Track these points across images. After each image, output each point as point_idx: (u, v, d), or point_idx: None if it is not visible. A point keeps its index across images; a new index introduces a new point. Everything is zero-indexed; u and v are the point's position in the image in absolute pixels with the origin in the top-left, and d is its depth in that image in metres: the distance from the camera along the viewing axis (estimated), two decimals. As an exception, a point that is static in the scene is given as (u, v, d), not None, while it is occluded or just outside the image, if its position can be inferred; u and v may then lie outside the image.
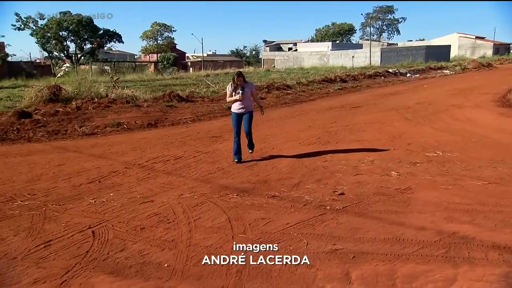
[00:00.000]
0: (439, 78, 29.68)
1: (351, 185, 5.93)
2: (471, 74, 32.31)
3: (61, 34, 48.73)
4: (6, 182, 6.31)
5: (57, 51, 51.26)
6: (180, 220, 4.77)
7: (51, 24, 46.85)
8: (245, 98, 7.15)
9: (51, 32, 47.37)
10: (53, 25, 46.80)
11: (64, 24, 47.69)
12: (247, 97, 7.19)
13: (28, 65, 46.76)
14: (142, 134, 10.40)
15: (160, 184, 6.14)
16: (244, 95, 7.10)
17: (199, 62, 57.77)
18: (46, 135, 9.94)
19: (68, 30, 48.65)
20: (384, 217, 4.77)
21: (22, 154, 8.14)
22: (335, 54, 52.58)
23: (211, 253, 3.92)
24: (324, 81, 23.09)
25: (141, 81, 25.00)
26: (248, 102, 7.24)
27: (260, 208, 5.11)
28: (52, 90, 13.52)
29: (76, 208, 5.21)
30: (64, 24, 47.69)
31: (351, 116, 12.46)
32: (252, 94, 7.29)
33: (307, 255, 3.84)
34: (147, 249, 4.07)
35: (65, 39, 49.87)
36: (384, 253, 3.91)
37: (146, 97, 15.14)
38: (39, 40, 47.79)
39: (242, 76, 7.14)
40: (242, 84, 7.11)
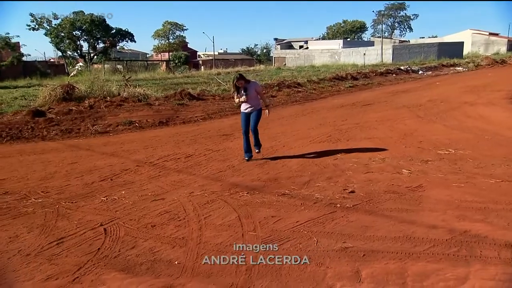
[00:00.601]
0: (451, 75, 29.31)
1: (361, 183, 5.89)
2: (484, 71, 31.85)
3: (75, 33, 49.32)
4: (21, 180, 6.40)
5: (70, 51, 51.89)
6: (191, 218, 4.78)
7: (64, 24, 47.44)
8: (250, 99, 7.08)
9: (64, 32, 47.97)
10: (67, 25, 47.37)
11: (78, 24, 48.24)
12: (253, 97, 7.11)
13: (43, 65, 47.45)
14: (153, 132, 10.45)
15: (171, 182, 6.17)
16: (249, 96, 7.03)
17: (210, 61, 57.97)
18: (60, 134, 10.06)
19: (81, 30, 49.20)
20: (395, 215, 4.73)
21: (36, 153, 8.25)
22: (346, 51, 52.27)
23: (221, 251, 3.93)
24: (335, 79, 22.98)
25: (153, 80, 25.15)
26: (255, 101, 7.16)
27: (270, 206, 5.11)
28: (65, 89, 13.66)
29: (88, 205, 5.26)
30: (78, 24, 48.24)
31: (362, 114, 12.37)
32: (258, 93, 7.21)
33: (317, 254, 3.83)
34: (158, 246, 4.10)
35: (79, 39, 50.44)
36: (395, 251, 3.87)
37: (158, 96, 15.21)
38: (53, 39, 48.43)
39: (242, 79, 7.02)
40: (244, 85, 7.02)
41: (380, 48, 48.14)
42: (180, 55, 59.18)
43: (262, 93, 7.37)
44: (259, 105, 7.24)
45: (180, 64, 54.18)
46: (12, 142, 9.30)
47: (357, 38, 78.91)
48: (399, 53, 48.37)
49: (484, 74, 28.18)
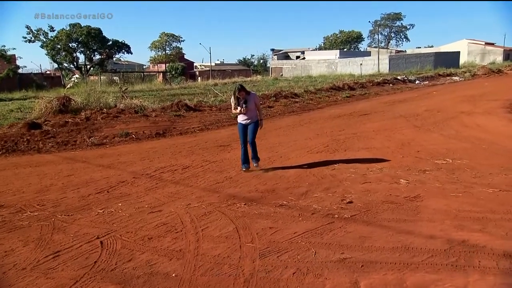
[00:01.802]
0: (448, 85, 29.52)
1: (359, 194, 5.90)
2: (480, 81, 32.09)
3: (71, 45, 49.55)
4: (16, 193, 6.39)
5: (66, 63, 52.12)
6: (188, 230, 4.78)
7: (61, 36, 47.66)
8: (249, 110, 7.13)
9: (61, 44, 48.16)
10: (63, 37, 47.60)
11: (74, 36, 48.49)
12: (251, 109, 7.16)
13: (39, 77, 47.50)
14: (150, 143, 10.46)
15: (168, 194, 6.17)
16: (248, 107, 7.07)
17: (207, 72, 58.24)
18: (56, 146, 10.05)
19: (77, 42, 49.46)
20: (393, 226, 4.73)
21: (31, 165, 8.23)
22: (343, 62, 52.62)
23: (218, 263, 3.93)
24: (332, 89, 23.13)
25: (150, 91, 25.25)
26: (253, 113, 7.21)
27: (267, 217, 5.11)
28: (61, 101, 13.69)
29: (85, 218, 5.25)
30: (74, 36, 48.49)
31: (359, 124, 12.43)
32: (256, 105, 7.23)
33: (315, 265, 3.83)
34: (155, 259, 4.08)
35: (75, 51, 50.67)
36: (393, 262, 3.88)
37: (154, 107, 15.25)
38: (49, 52, 48.61)
39: (243, 90, 7.09)
40: (245, 97, 7.09)
41: (376, 58, 48.50)
42: (176, 66, 59.45)
43: (259, 105, 7.38)
44: (256, 116, 7.27)
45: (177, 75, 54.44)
46: (8, 155, 9.29)
47: (353, 48, 79.50)
48: (395, 63, 48.70)
49: (481, 84, 28.39)
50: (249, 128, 7.22)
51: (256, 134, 7.29)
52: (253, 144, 7.28)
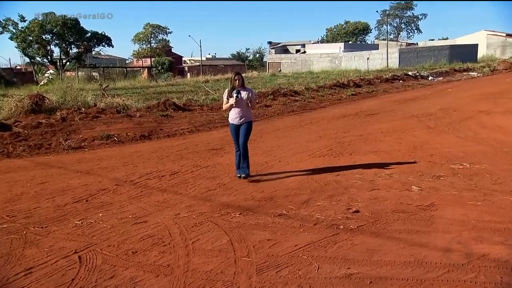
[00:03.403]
0: (465, 81, 29.70)
1: (366, 202, 5.92)
2: (501, 76, 32.31)
3: (44, 37, 49.30)
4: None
5: (39, 56, 51.86)
6: (177, 243, 4.77)
7: (32, 27, 47.32)
8: (241, 105, 7.00)
9: (33, 36, 47.86)
10: (35, 28, 47.29)
11: (48, 27, 48.21)
12: (244, 105, 7.04)
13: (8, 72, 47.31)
14: (134, 147, 10.45)
15: (154, 203, 6.16)
16: (240, 100, 6.93)
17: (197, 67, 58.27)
18: (28, 150, 10.02)
19: (52, 33, 49.21)
20: (404, 238, 4.75)
21: (0, 172, 8.20)
22: (348, 56, 52.82)
23: (211, 280, 3.93)
24: (336, 86, 23.20)
25: (133, 89, 25.23)
26: (246, 111, 7.11)
27: (265, 228, 5.11)
28: (34, 99, 13.64)
29: (61, 230, 5.23)
30: (48, 27, 48.21)
31: (366, 125, 12.48)
32: (251, 102, 7.12)
33: (318, 281, 3.84)
34: (140, 275, 4.08)
35: (49, 43, 50.46)
36: (405, 278, 3.89)
37: (139, 106, 15.26)
38: (20, 44, 48.29)
39: (241, 78, 7.02)
40: (240, 87, 7.00)
41: (385, 52, 48.68)
42: (163, 61, 59.44)
43: (254, 103, 7.33)
44: (250, 116, 7.21)
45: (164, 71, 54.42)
46: (-26, 159, 9.24)
47: (360, 41, 79.84)
48: (406, 57, 48.92)
49: (501, 80, 28.57)
50: (241, 129, 7.12)
51: (248, 137, 7.19)
52: (244, 148, 7.15)
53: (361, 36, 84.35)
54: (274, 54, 65.96)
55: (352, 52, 53.80)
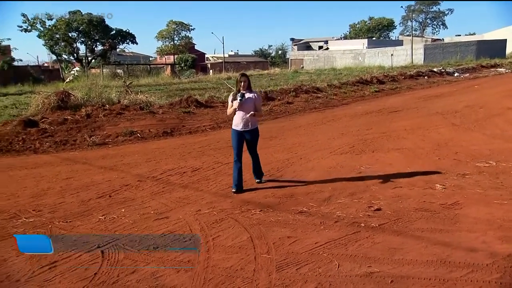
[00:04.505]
0: (492, 78, 29.02)
1: (389, 200, 5.86)
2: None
3: (71, 35, 50.17)
4: (10, 197, 6.51)
5: (66, 54, 52.79)
6: (197, 239, 4.81)
7: (59, 25, 48.23)
8: (246, 110, 6.42)
9: (59, 34, 48.79)
10: (62, 26, 48.17)
11: (74, 25, 49.05)
12: (249, 110, 6.43)
13: (35, 70, 48.42)
14: (156, 143, 10.56)
15: (175, 199, 6.22)
16: (244, 104, 6.37)
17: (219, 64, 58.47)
18: (54, 146, 10.22)
19: (78, 31, 50.04)
20: (427, 236, 4.68)
21: (27, 167, 8.38)
22: (371, 52, 52.25)
23: (230, 276, 3.94)
24: (359, 83, 22.97)
25: (157, 85, 25.47)
26: (251, 117, 6.51)
27: (285, 225, 5.11)
28: (60, 96, 13.89)
29: (84, 225, 5.33)
30: (74, 25, 49.05)
31: (389, 122, 12.34)
32: (256, 107, 6.51)
33: (338, 279, 3.81)
34: (161, 271, 4.12)
35: (75, 41, 51.32)
36: (427, 277, 3.84)
37: (162, 103, 15.38)
38: (47, 42, 49.28)
39: (247, 80, 6.50)
40: (245, 90, 6.46)
41: (410, 48, 48.03)
42: (186, 57, 59.83)
43: (260, 108, 6.66)
44: (255, 122, 6.64)
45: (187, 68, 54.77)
46: (1, 155, 9.48)
47: (383, 37, 78.85)
48: (431, 53, 48.17)
49: (530, 76, 27.84)
50: (247, 137, 6.55)
51: (257, 144, 6.73)
52: (255, 156, 6.77)
53: (385, 32, 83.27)
54: (297, 51, 65.71)
55: (376, 49, 53.21)
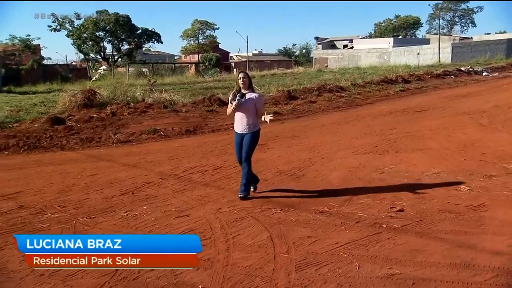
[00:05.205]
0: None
1: (412, 201, 5.78)
2: (561, 72, 30.57)
3: (98, 34, 51.13)
4: (37, 193, 6.65)
5: (93, 53, 53.85)
6: (217, 237, 4.82)
7: (87, 24, 49.26)
8: (245, 111, 6.02)
9: (87, 33, 49.80)
10: (90, 25, 49.16)
11: (101, 24, 50.00)
12: (250, 111, 6.02)
13: (64, 68, 49.44)
14: (179, 141, 10.65)
15: (197, 197, 6.25)
16: (242, 104, 5.96)
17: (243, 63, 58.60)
18: (80, 143, 10.41)
19: (105, 30, 50.97)
20: (451, 239, 4.60)
21: (54, 163, 8.56)
22: (397, 51, 51.63)
23: (250, 275, 3.93)
24: (384, 82, 22.73)
25: (181, 84, 25.72)
26: (251, 119, 6.06)
27: (306, 225, 5.08)
28: (86, 94, 14.18)
29: (107, 221, 5.40)
30: (101, 24, 50.00)
31: (414, 122, 12.15)
32: (257, 110, 6.04)
33: (358, 280, 3.76)
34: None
35: (102, 40, 52.28)
36: (450, 280, 3.77)
37: (185, 102, 15.52)
38: (75, 41, 50.36)
39: (247, 79, 6.06)
40: (246, 89, 6.04)
41: (437, 47, 47.27)
42: (210, 56, 60.16)
43: (261, 110, 6.14)
44: (256, 125, 6.15)
45: (211, 67, 55.09)
46: (30, 152, 9.69)
47: (410, 36, 77.67)
48: (459, 51, 47.31)
49: (562, 75, 27.04)
50: (244, 141, 6.11)
51: (252, 149, 6.16)
52: (246, 163, 6.11)
53: (411, 30, 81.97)
54: (321, 50, 65.40)
55: (402, 47, 52.54)
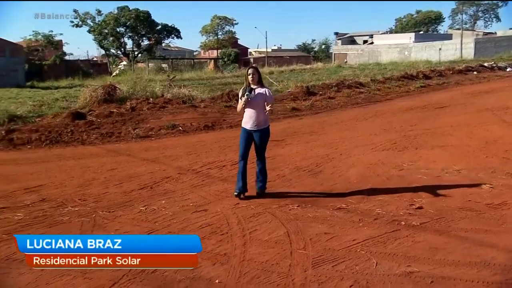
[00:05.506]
0: (547, 73, 27.65)
1: (431, 198, 5.71)
2: None
3: (118, 30, 51.75)
4: (59, 186, 6.76)
5: (114, 49, 54.54)
6: (234, 232, 4.83)
7: (108, 20, 49.90)
8: (255, 107, 5.85)
9: (108, 29, 50.46)
10: (111, 21, 49.77)
11: (122, 20, 50.54)
12: (260, 107, 5.85)
13: (85, 64, 50.18)
14: (198, 137, 10.70)
15: (214, 192, 6.28)
16: (253, 101, 5.81)
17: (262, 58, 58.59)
18: (100, 138, 10.54)
19: (125, 26, 51.53)
20: (471, 237, 4.53)
21: (75, 157, 8.69)
22: (418, 46, 51.00)
23: (266, 270, 3.94)
24: (404, 78, 22.47)
25: (200, 80, 25.85)
26: (261, 115, 5.88)
27: (323, 221, 5.06)
28: (106, 90, 14.34)
29: (126, 215, 5.46)
30: (122, 20, 50.54)
31: (434, 118, 11.99)
32: (267, 104, 5.80)
33: (376, 278, 3.73)
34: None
35: (122, 36, 52.86)
36: (470, 279, 3.71)
37: (204, 97, 15.58)
38: (96, 37, 51.07)
39: (257, 74, 5.92)
40: (255, 85, 5.90)
41: (459, 42, 46.51)
42: (229, 52, 60.25)
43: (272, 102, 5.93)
44: (266, 122, 6.01)
45: (230, 63, 55.21)
46: (51, 146, 9.86)
47: (431, 31, 76.45)
48: (482, 47, 46.46)
49: None
50: (255, 138, 5.98)
51: (266, 147, 6.12)
52: (262, 160, 6.12)
53: (433, 25, 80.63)
54: (341, 45, 64.88)
55: (423, 43, 51.82)
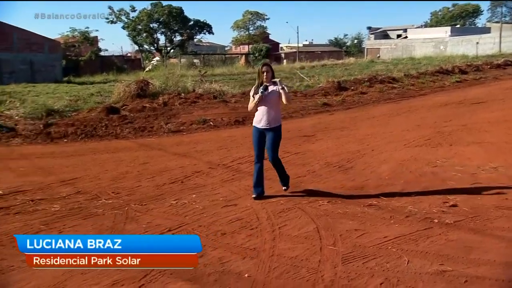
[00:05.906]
0: None
1: (466, 196, 5.58)
2: None
3: (152, 26, 52.55)
4: (93, 179, 6.93)
5: (147, 44, 55.42)
6: (264, 227, 4.84)
7: (142, 16, 50.76)
8: (269, 104, 5.71)
9: (142, 25, 51.34)
10: (144, 17, 50.63)
11: (155, 16, 51.34)
12: (272, 105, 5.72)
13: (119, 60, 51.14)
14: (228, 132, 10.76)
15: (244, 187, 6.30)
16: (266, 98, 5.67)
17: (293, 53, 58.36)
18: (133, 132, 10.74)
19: (158, 22, 52.31)
20: (508, 236, 4.41)
21: (109, 151, 8.88)
22: (454, 40, 49.79)
23: (295, 266, 3.93)
24: (439, 73, 22.00)
25: (231, 75, 25.95)
26: (272, 113, 5.74)
27: (354, 217, 5.01)
28: (139, 85, 14.56)
29: (158, 209, 5.55)
30: (155, 16, 51.34)
31: (470, 114, 11.69)
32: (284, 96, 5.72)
33: (407, 276, 3.67)
34: (227, 256, 4.19)
35: (155, 32, 53.66)
36: (507, 279, 3.61)
37: (234, 92, 15.63)
38: (130, 33, 52.05)
39: (270, 70, 5.75)
40: (269, 82, 5.74)
41: (498, 36, 45.15)
42: (260, 47, 60.17)
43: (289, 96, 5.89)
44: (278, 120, 5.86)
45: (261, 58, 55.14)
46: (87, 140, 10.11)
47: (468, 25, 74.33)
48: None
49: None
50: (268, 138, 5.80)
51: (278, 146, 5.89)
52: (276, 162, 5.92)
53: (470, 19, 78.33)
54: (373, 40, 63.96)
55: (460, 37, 50.53)
